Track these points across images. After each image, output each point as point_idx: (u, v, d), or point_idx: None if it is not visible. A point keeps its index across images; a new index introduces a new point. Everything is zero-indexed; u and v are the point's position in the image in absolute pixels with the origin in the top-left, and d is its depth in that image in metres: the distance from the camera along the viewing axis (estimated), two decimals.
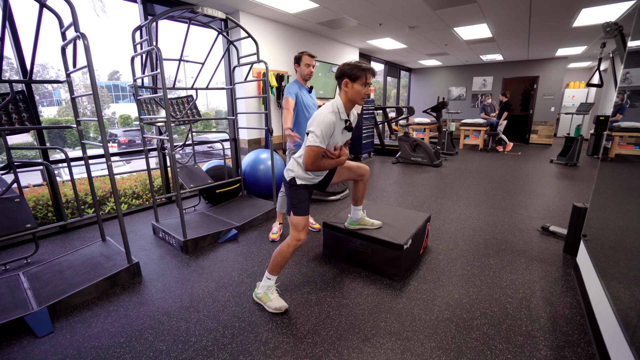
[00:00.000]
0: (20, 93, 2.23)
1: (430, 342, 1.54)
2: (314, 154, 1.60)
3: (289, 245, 1.73)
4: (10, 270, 2.20)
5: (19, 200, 2.16)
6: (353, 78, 1.59)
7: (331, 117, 1.58)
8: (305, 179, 1.74)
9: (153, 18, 2.46)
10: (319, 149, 1.59)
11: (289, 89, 2.54)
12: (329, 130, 1.58)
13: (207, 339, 1.57)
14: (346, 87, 1.62)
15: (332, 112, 1.61)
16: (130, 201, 3.85)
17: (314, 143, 1.57)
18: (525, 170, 5.42)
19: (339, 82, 1.65)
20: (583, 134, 6.00)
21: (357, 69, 1.58)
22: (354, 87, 1.60)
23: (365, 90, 1.62)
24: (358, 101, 1.65)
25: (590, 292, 1.76)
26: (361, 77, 1.59)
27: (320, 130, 1.56)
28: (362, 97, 1.63)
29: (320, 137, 1.57)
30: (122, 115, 17.87)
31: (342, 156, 1.75)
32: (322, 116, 1.58)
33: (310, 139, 1.58)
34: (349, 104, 1.66)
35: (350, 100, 1.64)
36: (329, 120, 1.57)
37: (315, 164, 1.63)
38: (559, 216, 3.20)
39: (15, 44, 2.45)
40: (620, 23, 2.53)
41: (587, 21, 4.49)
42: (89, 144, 2.33)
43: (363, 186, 2.08)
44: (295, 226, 1.73)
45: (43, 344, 1.55)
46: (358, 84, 1.60)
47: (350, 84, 1.60)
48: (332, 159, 1.72)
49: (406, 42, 5.94)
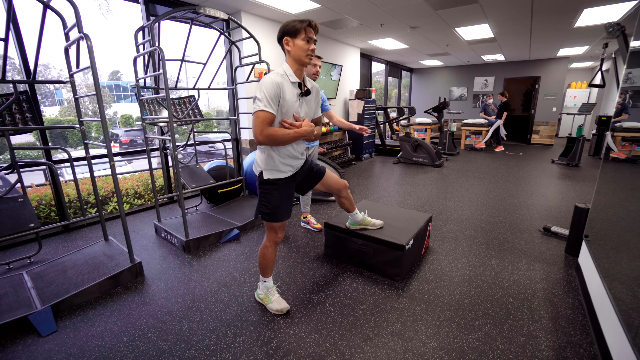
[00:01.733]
0: (24, 93, 2.24)
1: (432, 342, 1.54)
2: (260, 119, 1.41)
3: (267, 247, 1.69)
4: (14, 270, 2.21)
5: (22, 200, 2.18)
6: (292, 34, 1.45)
7: (273, 77, 1.43)
8: (272, 169, 1.57)
9: (156, 19, 2.47)
10: (264, 114, 1.41)
11: None
12: (272, 90, 1.41)
13: (209, 338, 1.58)
14: (288, 45, 1.47)
15: (276, 74, 1.47)
16: (132, 201, 3.86)
17: (258, 107, 1.41)
18: (527, 170, 5.41)
19: (281, 44, 1.51)
20: (585, 134, 6.00)
21: (296, 22, 1.44)
22: (296, 43, 1.45)
23: (308, 46, 1.46)
24: (303, 59, 1.48)
25: (592, 292, 1.76)
26: (300, 31, 1.44)
27: (262, 92, 1.41)
28: (306, 54, 1.47)
29: (263, 100, 1.40)
30: (123, 115, 17.92)
31: (304, 127, 1.51)
32: (264, 78, 1.44)
33: (254, 105, 1.44)
34: (295, 65, 1.50)
35: (295, 60, 1.49)
36: (270, 81, 1.41)
37: (264, 132, 1.42)
38: (560, 217, 3.19)
39: (19, 45, 2.46)
40: (622, 23, 2.52)
41: (589, 21, 4.48)
42: (92, 144, 2.35)
43: (346, 201, 2.03)
44: (271, 228, 1.66)
45: (47, 343, 1.56)
46: (299, 40, 1.45)
47: (291, 41, 1.46)
48: (291, 129, 1.49)
49: (407, 42, 5.94)
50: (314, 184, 1.83)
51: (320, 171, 1.83)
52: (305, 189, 1.84)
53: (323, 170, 1.85)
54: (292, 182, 1.69)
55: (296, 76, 1.51)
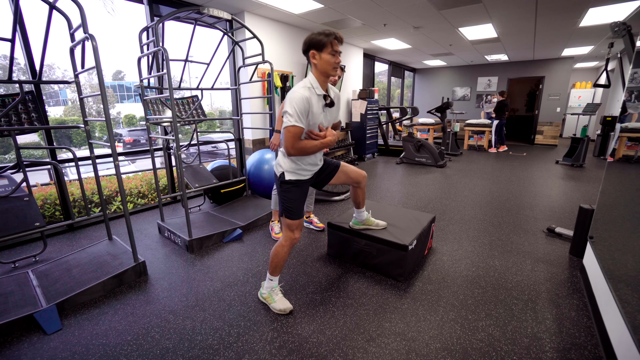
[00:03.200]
0: (30, 93, 2.26)
1: (436, 343, 1.53)
2: (292, 134, 1.48)
3: (283, 246, 1.72)
4: (20, 268, 2.23)
5: (28, 199, 2.20)
6: (319, 47, 1.49)
7: (303, 92, 1.48)
8: (295, 172, 1.64)
9: (160, 19, 2.48)
10: (296, 129, 1.48)
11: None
12: (302, 106, 1.47)
13: (213, 337, 1.59)
14: (314, 58, 1.51)
15: (304, 87, 1.51)
16: (136, 200, 3.88)
17: (289, 122, 1.47)
18: (531, 171, 5.38)
19: (307, 56, 1.54)
20: (589, 134, 5.95)
21: (322, 35, 1.48)
22: (322, 57, 1.50)
23: (335, 59, 1.51)
24: (330, 72, 1.53)
25: (597, 294, 1.74)
26: (327, 45, 1.48)
27: (293, 108, 1.46)
28: (333, 67, 1.52)
29: (294, 116, 1.46)
30: (127, 115, 18.02)
31: (329, 137, 1.61)
32: (294, 93, 1.48)
33: (285, 120, 1.48)
34: (322, 78, 1.55)
35: (321, 72, 1.54)
36: (300, 96, 1.47)
37: (296, 146, 1.51)
38: (564, 217, 3.17)
39: (25, 46, 2.49)
40: (628, 23, 2.50)
41: (595, 21, 4.45)
42: (96, 144, 2.36)
43: (361, 192, 2.06)
44: (289, 226, 1.70)
45: (52, 341, 1.57)
46: (326, 53, 1.49)
47: (317, 54, 1.50)
48: (317, 140, 1.58)
49: (411, 42, 5.93)
50: (330, 179, 1.89)
51: (334, 165, 1.90)
52: (321, 183, 1.90)
53: (337, 164, 1.92)
54: (309, 181, 1.78)
55: (322, 88, 1.57)
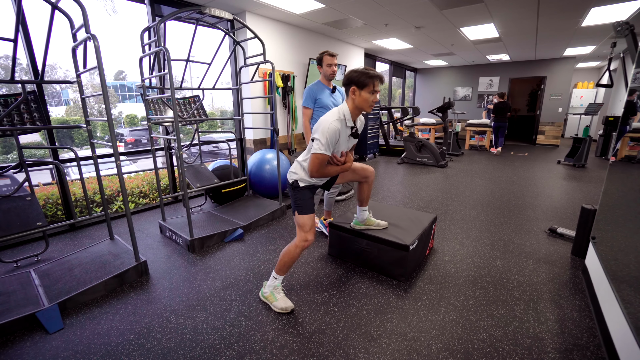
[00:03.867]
0: (32, 93, 2.27)
1: (437, 343, 1.53)
2: (319, 161, 1.59)
3: (297, 247, 1.73)
4: (22, 267, 2.24)
5: (30, 198, 2.20)
6: (361, 85, 1.57)
7: (336, 124, 1.57)
8: (308, 181, 1.74)
9: (161, 19, 2.48)
10: (324, 157, 1.58)
11: (305, 96, 2.56)
12: (334, 138, 1.57)
13: (214, 337, 1.59)
14: (354, 94, 1.59)
15: (338, 120, 1.59)
16: (138, 200, 3.89)
17: (319, 151, 1.56)
18: (532, 171, 5.36)
19: (347, 89, 1.62)
20: (591, 135, 5.93)
21: (365, 76, 1.55)
22: (362, 95, 1.58)
23: (373, 98, 1.59)
24: (366, 109, 1.63)
25: (599, 295, 1.74)
26: (369, 85, 1.56)
27: (325, 138, 1.55)
28: (369, 105, 1.61)
29: (325, 145, 1.55)
30: (128, 115, 18.06)
31: (348, 162, 1.75)
32: (328, 123, 1.56)
33: (316, 147, 1.57)
34: (355, 111, 1.65)
35: (357, 107, 1.63)
36: (334, 128, 1.56)
37: (320, 171, 1.63)
38: (566, 218, 3.16)
39: (27, 46, 2.49)
40: (631, 22, 2.49)
41: (597, 20, 4.43)
42: (98, 144, 2.37)
43: (368, 188, 2.08)
44: (302, 226, 1.73)
45: (54, 340, 1.58)
46: (366, 92, 1.57)
47: (357, 91, 1.58)
48: (338, 166, 1.71)
49: (412, 42, 5.92)
50: (336, 179, 1.94)
51: None
52: (328, 184, 1.93)
53: None
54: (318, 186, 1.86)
55: (352, 120, 1.66)
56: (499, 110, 6.86)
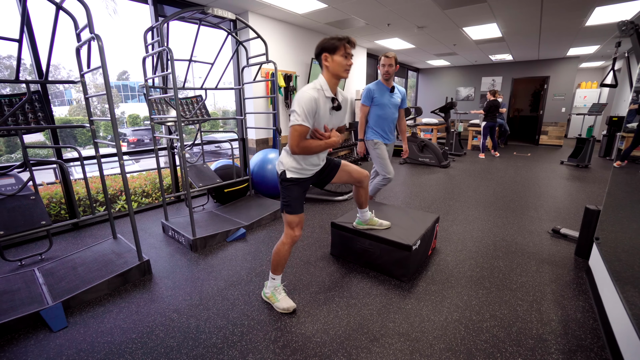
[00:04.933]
0: (36, 93, 2.28)
1: (440, 344, 1.53)
2: (297, 133, 1.51)
3: (284, 243, 1.72)
4: (26, 266, 2.25)
5: (34, 197, 2.22)
6: (332, 50, 1.52)
7: (311, 92, 1.51)
8: (296, 170, 1.66)
9: (164, 19, 2.49)
10: (302, 128, 1.50)
11: (363, 94, 2.70)
12: (310, 106, 1.49)
13: (216, 336, 1.59)
14: (326, 61, 1.55)
15: (314, 89, 1.53)
16: (140, 199, 3.91)
17: (296, 122, 1.49)
18: (535, 171, 5.34)
19: (319, 59, 1.58)
20: (595, 135, 5.90)
21: (335, 40, 1.52)
22: (335, 59, 1.53)
23: (347, 62, 1.55)
24: (341, 74, 1.57)
25: (603, 295, 1.73)
26: (340, 48, 1.52)
27: (301, 107, 1.48)
28: (345, 69, 1.56)
29: (302, 116, 1.48)
30: (131, 115, 18.12)
31: (333, 137, 1.62)
32: (303, 93, 1.50)
33: (292, 118, 1.50)
34: (332, 80, 1.59)
35: (333, 75, 1.57)
36: (308, 96, 1.49)
37: (300, 145, 1.53)
38: (570, 218, 3.15)
39: (32, 46, 2.51)
40: (636, 22, 2.47)
41: (601, 20, 4.40)
42: (102, 143, 2.38)
43: (364, 192, 2.06)
44: (289, 224, 1.70)
45: (58, 338, 1.59)
46: (338, 56, 1.53)
47: (330, 57, 1.53)
48: (322, 140, 1.60)
49: (414, 42, 5.91)
50: (331, 178, 1.89)
51: (335, 163, 1.90)
52: (323, 182, 1.91)
53: (338, 163, 1.92)
54: (310, 180, 1.79)
55: (331, 91, 1.59)
56: (489, 109, 6.54)
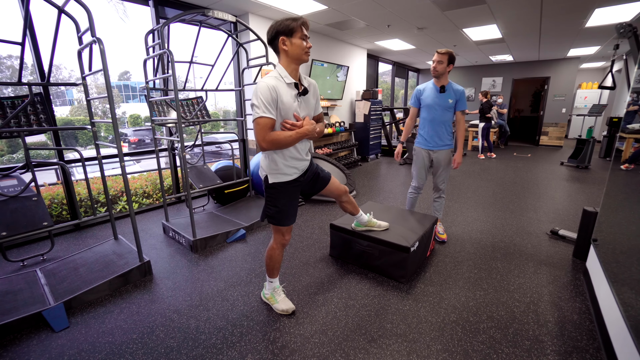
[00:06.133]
0: (38, 95, 2.30)
1: (437, 345, 1.54)
2: (260, 126, 1.40)
3: (274, 249, 1.72)
4: (28, 267, 2.28)
5: (36, 199, 2.24)
6: (289, 33, 1.42)
7: (268, 80, 1.41)
8: (277, 172, 1.57)
9: (165, 22, 2.51)
10: (264, 120, 1.39)
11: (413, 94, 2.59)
12: (267, 95, 1.38)
13: (216, 337, 1.61)
14: (284, 45, 1.44)
15: (270, 77, 1.44)
16: (141, 200, 3.93)
17: (257, 114, 1.39)
18: (535, 172, 5.34)
19: (275, 45, 1.47)
20: (595, 136, 5.90)
21: (290, 21, 1.41)
22: (293, 42, 1.43)
23: (306, 44, 1.45)
24: (302, 57, 1.46)
25: (599, 297, 1.74)
26: (296, 29, 1.42)
27: (258, 99, 1.39)
28: (305, 52, 1.46)
29: (261, 107, 1.38)
30: (132, 115, 18.17)
31: (306, 125, 1.49)
32: (257, 84, 1.41)
33: (253, 113, 1.42)
34: (292, 65, 1.48)
35: (293, 59, 1.46)
36: (264, 85, 1.39)
37: (267, 139, 1.42)
38: (568, 220, 3.15)
39: (34, 48, 2.53)
40: (634, 24, 2.48)
41: (601, 21, 4.41)
42: (103, 145, 2.40)
43: (349, 205, 2.02)
44: (278, 230, 1.68)
45: (60, 338, 1.61)
46: (296, 38, 1.43)
47: (287, 40, 1.43)
48: (292, 130, 1.47)
49: (414, 43, 5.92)
50: (319, 190, 1.83)
51: (326, 177, 1.83)
52: (310, 194, 1.85)
53: (329, 177, 1.86)
54: (298, 185, 1.67)
55: (291, 77, 1.48)
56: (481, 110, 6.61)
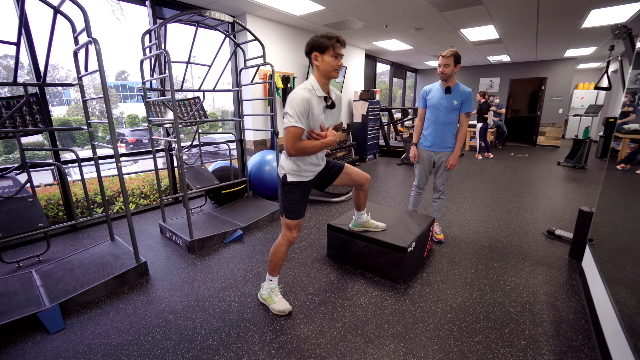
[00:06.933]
0: (34, 95, 2.29)
1: (433, 345, 1.55)
2: (291, 135, 1.51)
3: (281, 245, 1.75)
4: (23, 268, 2.26)
5: (31, 200, 2.23)
6: (321, 49, 1.52)
7: (303, 93, 1.51)
8: (296, 173, 1.66)
9: (162, 22, 2.50)
10: (296, 130, 1.50)
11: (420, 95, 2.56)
12: (302, 106, 1.49)
13: (212, 338, 1.61)
14: (316, 60, 1.54)
15: (305, 89, 1.54)
16: (138, 201, 3.91)
17: (289, 123, 1.49)
18: (532, 172, 5.37)
19: (309, 58, 1.57)
20: (592, 136, 5.93)
21: (324, 39, 1.51)
22: (325, 59, 1.53)
23: (337, 62, 1.54)
24: (331, 74, 1.57)
25: (595, 297, 1.75)
26: (329, 47, 1.51)
27: (293, 109, 1.49)
28: (334, 69, 1.55)
29: (294, 117, 1.49)
30: (129, 115, 18.11)
31: (330, 136, 1.61)
32: (294, 94, 1.51)
33: (285, 120, 1.51)
34: (323, 80, 1.58)
35: (323, 74, 1.57)
36: (299, 97, 1.49)
37: (296, 146, 1.53)
38: (565, 220, 3.17)
39: (30, 48, 2.52)
40: (629, 25, 2.50)
41: (597, 22, 4.43)
42: (99, 145, 2.39)
43: (363, 195, 2.07)
44: (287, 226, 1.73)
45: (55, 340, 1.60)
46: (328, 56, 1.52)
47: (320, 56, 1.53)
48: (318, 140, 1.59)
49: (412, 43, 5.93)
50: (333, 180, 1.90)
51: (338, 166, 1.90)
52: (324, 184, 1.91)
53: (341, 165, 1.93)
54: (311, 183, 1.79)
55: (323, 90, 1.59)
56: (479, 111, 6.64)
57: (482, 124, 6.74)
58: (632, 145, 3.99)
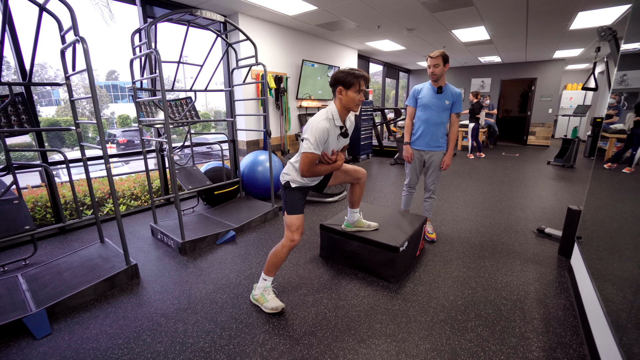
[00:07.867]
0: (20, 95, 2.24)
1: (425, 344, 1.56)
2: (309, 160, 1.62)
3: (283, 246, 1.76)
4: (9, 272, 2.20)
5: (17, 202, 2.17)
6: (347, 85, 1.61)
7: (324, 124, 1.61)
8: (300, 182, 1.77)
9: (152, 21, 2.47)
10: (313, 156, 1.62)
11: (409, 94, 2.57)
12: (322, 136, 1.61)
13: (204, 340, 1.59)
14: (340, 94, 1.64)
15: (326, 119, 1.64)
16: (129, 202, 3.86)
17: (308, 150, 1.60)
18: (523, 171, 5.45)
19: (333, 89, 1.67)
20: (580, 135, 6.05)
21: (351, 76, 1.60)
22: (348, 94, 1.63)
23: (359, 97, 1.65)
24: (352, 108, 1.68)
25: (582, 293, 1.78)
26: (355, 84, 1.61)
27: (314, 137, 1.59)
28: (356, 104, 1.66)
29: (314, 144, 1.60)
30: (120, 116, 17.86)
31: (339, 161, 1.78)
32: (316, 123, 1.61)
33: (305, 146, 1.61)
34: (343, 111, 1.70)
35: (344, 107, 1.68)
36: (322, 127, 1.60)
37: (310, 170, 1.66)
38: (554, 218, 3.22)
39: (15, 46, 2.46)
40: (614, 28, 2.55)
41: (584, 24, 4.52)
42: (88, 146, 2.35)
43: (360, 189, 2.10)
44: (289, 226, 1.75)
45: (41, 346, 1.56)
46: (352, 91, 1.62)
47: (344, 91, 1.63)
48: (328, 164, 1.74)
49: (404, 44, 5.97)
50: (328, 180, 1.97)
51: None
52: (321, 186, 1.97)
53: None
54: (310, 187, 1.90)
55: (341, 120, 1.70)
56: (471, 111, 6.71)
57: (474, 123, 6.83)
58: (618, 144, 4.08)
